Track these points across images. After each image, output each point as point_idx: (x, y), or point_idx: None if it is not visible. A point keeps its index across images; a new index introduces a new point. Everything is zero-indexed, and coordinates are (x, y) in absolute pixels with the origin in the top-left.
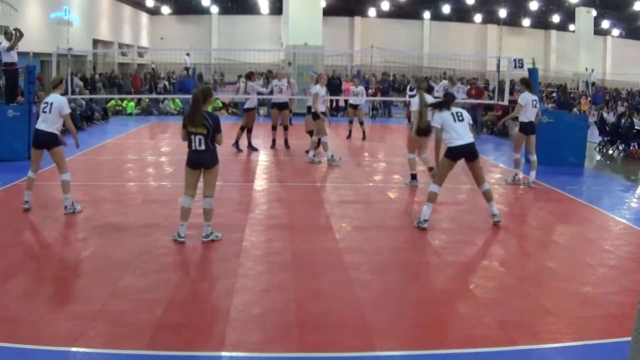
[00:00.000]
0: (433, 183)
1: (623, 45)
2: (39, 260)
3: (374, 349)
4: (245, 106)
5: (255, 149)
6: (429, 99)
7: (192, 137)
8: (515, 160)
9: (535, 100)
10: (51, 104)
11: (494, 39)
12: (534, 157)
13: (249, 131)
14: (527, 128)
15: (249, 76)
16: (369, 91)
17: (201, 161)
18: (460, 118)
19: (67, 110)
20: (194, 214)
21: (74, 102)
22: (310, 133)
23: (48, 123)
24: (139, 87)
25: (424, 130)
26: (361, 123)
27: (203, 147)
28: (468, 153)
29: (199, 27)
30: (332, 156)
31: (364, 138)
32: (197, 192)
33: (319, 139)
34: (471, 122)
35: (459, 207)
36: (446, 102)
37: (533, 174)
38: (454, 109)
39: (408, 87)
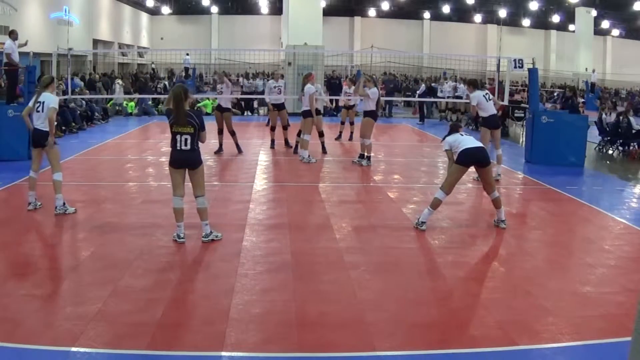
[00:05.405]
0: (440, 190)
1: (623, 45)
2: (39, 260)
3: (374, 349)
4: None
5: (219, 151)
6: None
7: (178, 137)
8: None
9: (487, 94)
10: (43, 102)
11: (494, 39)
12: (499, 152)
13: (219, 133)
14: (489, 122)
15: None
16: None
17: (186, 161)
18: (467, 134)
19: (53, 105)
20: (192, 214)
21: (74, 102)
22: (321, 133)
23: (42, 121)
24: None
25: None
26: (351, 123)
27: (189, 146)
28: (479, 157)
29: (199, 27)
30: (308, 156)
31: (350, 139)
32: (188, 192)
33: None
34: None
35: (459, 207)
36: (451, 131)
37: (498, 168)
38: (461, 132)
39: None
